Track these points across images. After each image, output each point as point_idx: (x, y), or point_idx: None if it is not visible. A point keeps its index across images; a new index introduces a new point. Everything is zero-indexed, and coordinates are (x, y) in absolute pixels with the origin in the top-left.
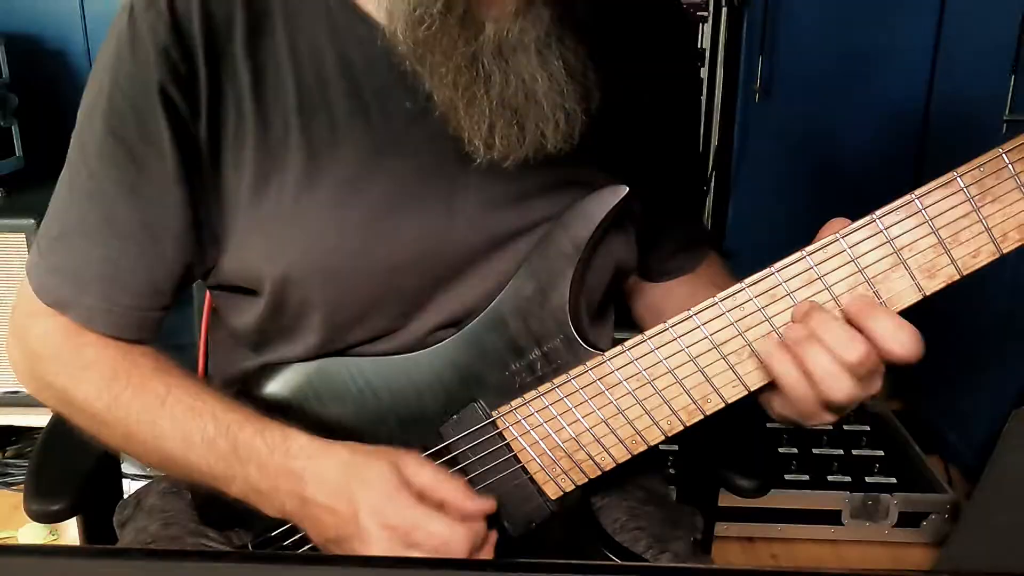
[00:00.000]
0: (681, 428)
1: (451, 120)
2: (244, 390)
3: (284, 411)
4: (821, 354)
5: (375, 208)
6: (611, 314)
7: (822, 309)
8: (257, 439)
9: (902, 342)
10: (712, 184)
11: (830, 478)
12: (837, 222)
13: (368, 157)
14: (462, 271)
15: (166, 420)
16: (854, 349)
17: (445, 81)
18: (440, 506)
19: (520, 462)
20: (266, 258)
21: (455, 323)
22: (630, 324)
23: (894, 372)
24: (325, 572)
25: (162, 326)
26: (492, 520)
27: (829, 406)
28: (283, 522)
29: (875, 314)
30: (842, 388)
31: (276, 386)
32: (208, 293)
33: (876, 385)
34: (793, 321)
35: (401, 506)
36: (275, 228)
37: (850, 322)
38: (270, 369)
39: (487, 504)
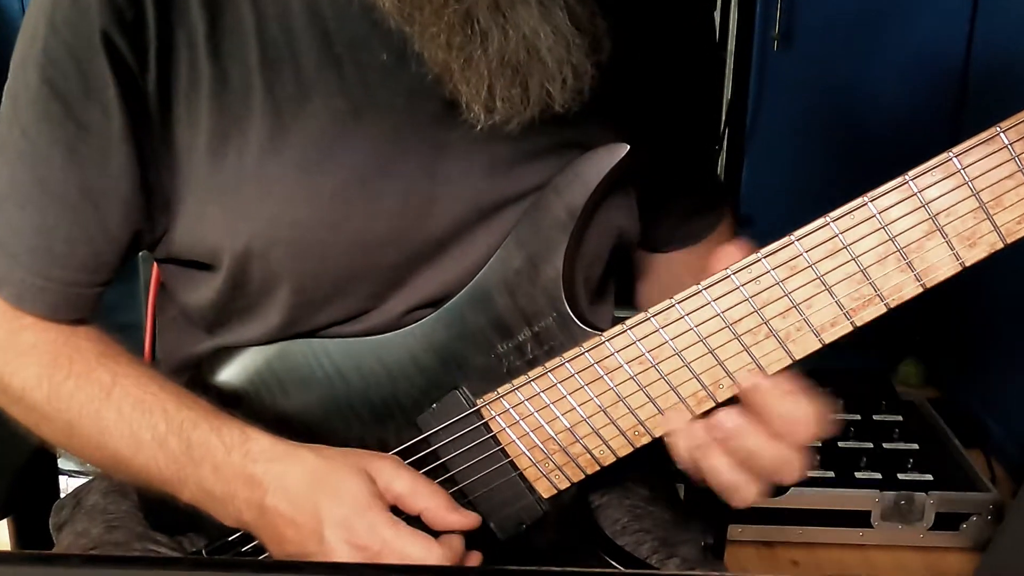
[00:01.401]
0: (690, 418)
1: (446, 84)
2: (195, 377)
3: (240, 401)
4: (761, 438)
5: (349, 174)
6: (611, 292)
7: (769, 383)
8: (213, 438)
9: (808, 426)
10: (724, 143)
11: (858, 475)
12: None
13: (341, 117)
14: (445, 245)
15: (112, 414)
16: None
17: (437, 41)
18: (417, 518)
19: (508, 456)
20: (225, 229)
21: (435, 303)
22: (632, 301)
23: (930, 356)
24: None
25: (102, 302)
26: (479, 523)
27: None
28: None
29: (770, 396)
30: (799, 464)
31: (231, 372)
32: (155, 267)
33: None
34: (739, 393)
35: (372, 522)
36: (235, 196)
37: (746, 406)
38: (225, 353)
39: (470, 519)
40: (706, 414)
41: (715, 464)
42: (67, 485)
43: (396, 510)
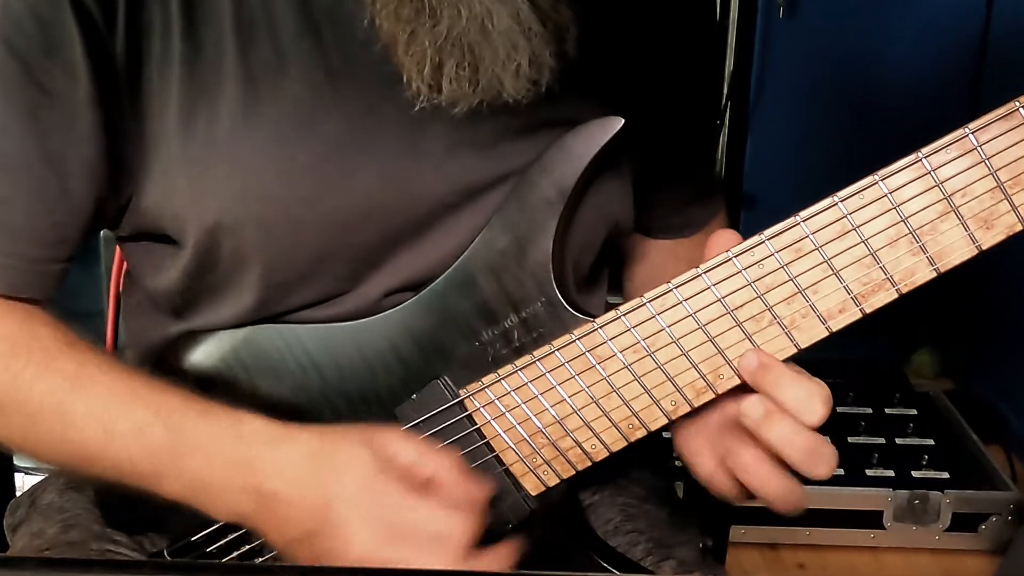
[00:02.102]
0: (688, 410)
1: (392, 55)
2: (158, 366)
3: (206, 391)
4: (790, 425)
5: (324, 148)
6: (604, 279)
7: (776, 364)
8: (202, 424)
9: (814, 410)
10: (726, 118)
11: (869, 472)
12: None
13: (317, 87)
14: (426, 225)
15: (78, 405)
16: (820, 405)
17: (387, 10)
18: (429, 488)
19: (493, 451)
20: (193, 203)
21: (415, 286)
22: (620, 286)
23: (945, 345)
24: None
25: (63, 286)
26: None
27: None
28: (206, 525)
29: (779, 378)
30: (831, 454)
31: (195, 359)
32: (118, 251)
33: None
34: (741, 376)
35: (383, 492)
36: (205, 167)
37: (749, 385)
38: (189, 338)
39: (483, 487)
40: (705, 407)
41: (747, 462)
42: (23, 483)
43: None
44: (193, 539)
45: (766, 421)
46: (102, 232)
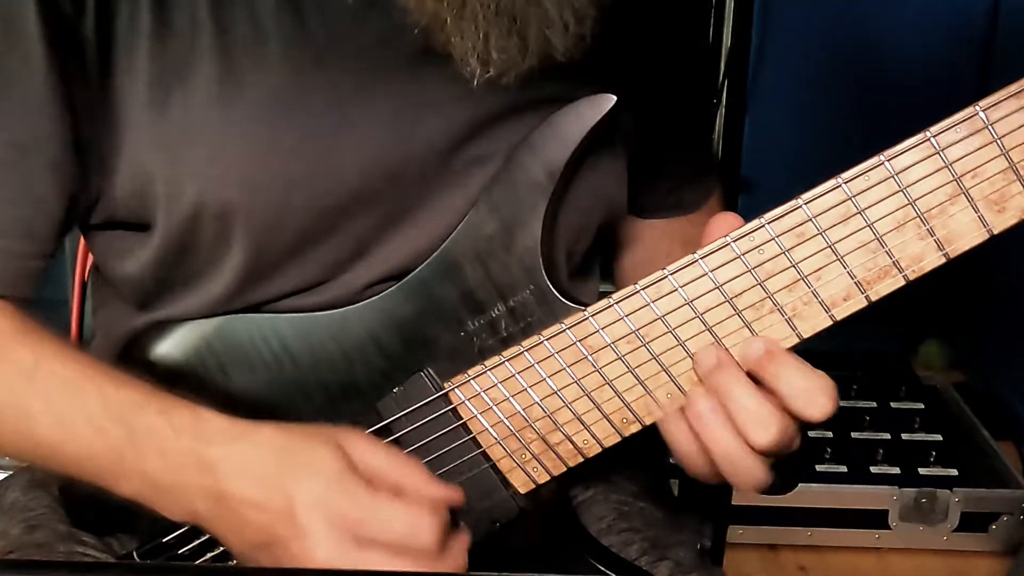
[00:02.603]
0: (684, 403)
1: (436, 36)
2: (125, 356)
3: (175, 384)
4: (724, 434)
5: (307, 129)
6: (596, 266)
7: (730, 368)
8: (160, 421)
9: (817, 404)
10: (723, 96)
11: (874, 470)
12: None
13: (299, 65)
14: (415, 209)
15: (37, 399)
16: (765, 431)
17: None
18: (397, 493)
19: (480, 446)
20: (168, 187)
21: (399, 276)
22: (609, 273)
23: (955, 336)
24: None
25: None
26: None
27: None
28: (177, 526)
29: (782, 368)
30: (749, 472)
31: (164, 350)
32: (82, 238)
33: (792, 447)
34: (697, 375)
35: (349, 494)
36: (180, 150)
37: (750, 373)
38: (159, 328)
39: (453, 492)
40: None
41: (717, 436)
42: None
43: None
44: (164, 540)
45: (738, 393)
46: None
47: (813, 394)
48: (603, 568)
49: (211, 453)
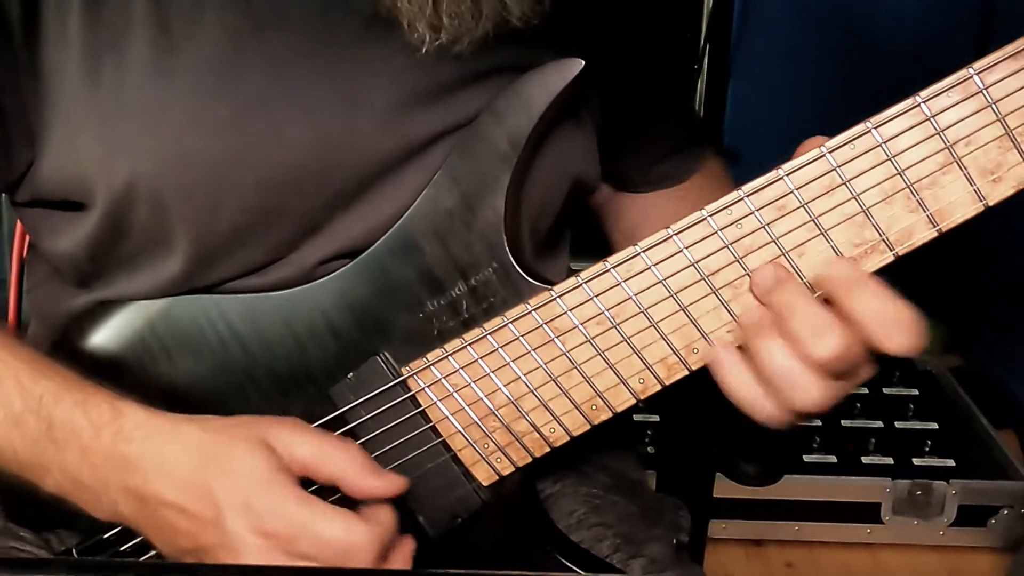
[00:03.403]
0: (658, 388)
1: (384, 1)
2: (64, 339)
3: (116, 370)
4: (778, 349)
5: (248, 100)
6: (565, 244)
7: (791, 283)
8: (78, 415)
9: (898, 333)
10: (705, 62)
11: (865, 460)
12: (814, 141)
13: (239, 33)
14: (367, 185)
15: None
16: (826, 342)
17: None
18: (332, 487)
19: (440, 436)
20: (101, 164)
21: (353, 254)
22: (588, 250)
23: (951, 317)
24: None
25: None
26: (405, 516)
27: (791, 412)
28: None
29: (860, 292)
30: (806, 393)
31: (106, 334)
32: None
33: (861, 377)
34: (754, 294)
35: (280, 502)
36: (113, 125)
37: (826, 301)
38: (101, 310)
39: (393, 483)
40: (687, 378)
41: (771, 350)
42: None
43: (307, 483)
44: (105, 536)
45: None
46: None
47: (897, 326)
48: (572, 565)
49: (132, 451)
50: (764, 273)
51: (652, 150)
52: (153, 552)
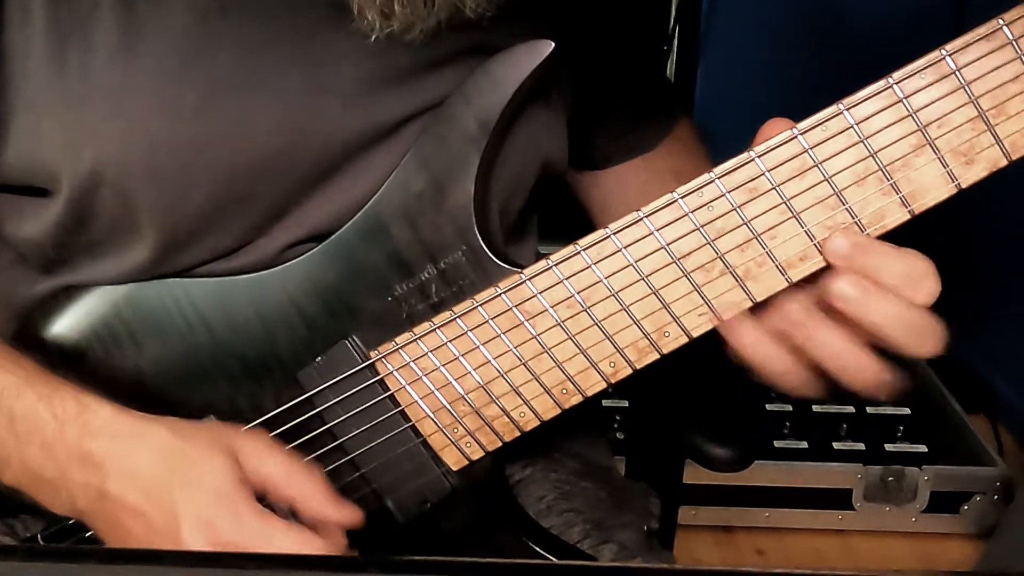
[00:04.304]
0: (629, 373)
1: None
2: (27, 326)
3: (81, 356)
4: (891, 305)
5: (215, 84)
6: (534, 228)
7: (871, 243)
8: (41, 409)
9: (924, 287)
10: (675, 42)
11: (837, 446)
12: (776, 124)
13: (207, 16)
14: (334, 170)
15: None
16: (927, 281)
17: None
18: (290, 509)
19: (409, 420)
20: (65, 149)
21: (320, 238)
22: (558, 233)
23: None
24: (141, 572)
25: None
26: (374, 502)
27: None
28: None
29: (877, 258)
30: (937, 328)
31: (71, 319)
32: None
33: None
34: (832, 262)
35: (238, 516)
36: (79, 110)
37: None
38: (64, 295)
39: (350, 516)
40: (657, 363)
41: (838, 349)
42: None
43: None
44: (71, 522)
45: (867, 300)
46: None
47: (916, 278)
48: (542, 551)
49: (94, 447)
50: (838, 243)
51: (618, 124)
52: None
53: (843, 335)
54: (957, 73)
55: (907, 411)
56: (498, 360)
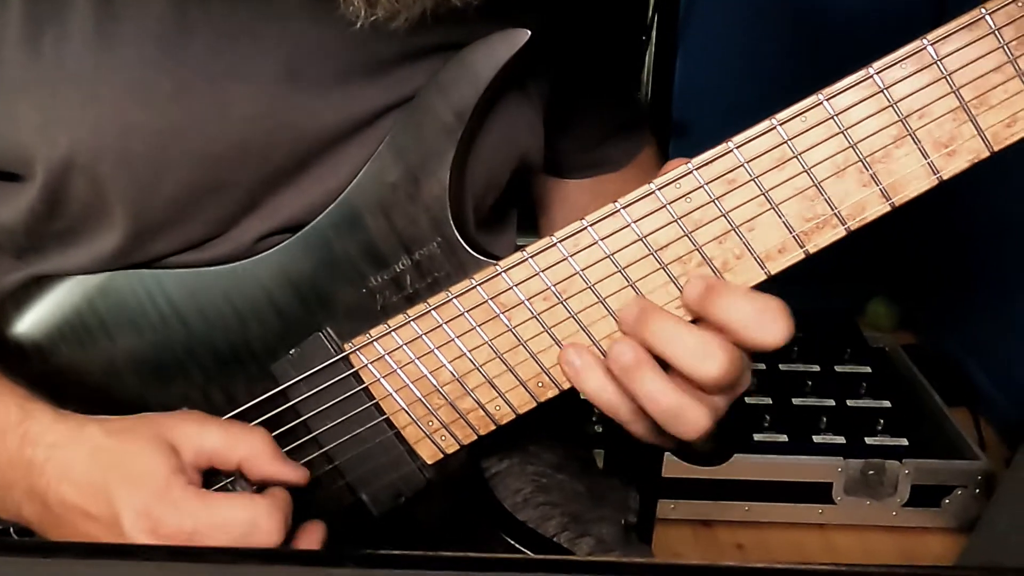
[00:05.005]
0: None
1: None
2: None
3: (54, 348)
4: (662, 384)
5: (192, 73)
6: (512, 220)
7: (656, 312)
8: None
9: (772, 324)
10: (653, 33)
11: (817, 439)
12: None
13: (184, 3)
14: (310, 161)
15: None
16: (713, 361)
17: None
18: (239, 472)
19: (384, 413)
20: (40, 134)
21: (294, 229)
22: (536, 228)
23: (904, 293)
24: (115, 567)
25: None
26: (348, 495)
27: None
28: None
29: (724, 297)
30: (697, 421)
31: (42, 311)
32: None
33: (740, 389)
34: (621, 328)
35: (176, 503)
36: (53, 95)
37: (690, 313)
38: (36, 285)
39: (296, 472)
40: None
41: (651, 389)
42: None
43: (212, 473)
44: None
45: (634, 371)
46: None
47: (766, 318)
48: (518, 545)
49: (36, 455)
50: (629, 308)
51: (594, 131)
52: None
53: (667, 381)
54: (938, 63)
55: (888, 404)
56: (473, 353)
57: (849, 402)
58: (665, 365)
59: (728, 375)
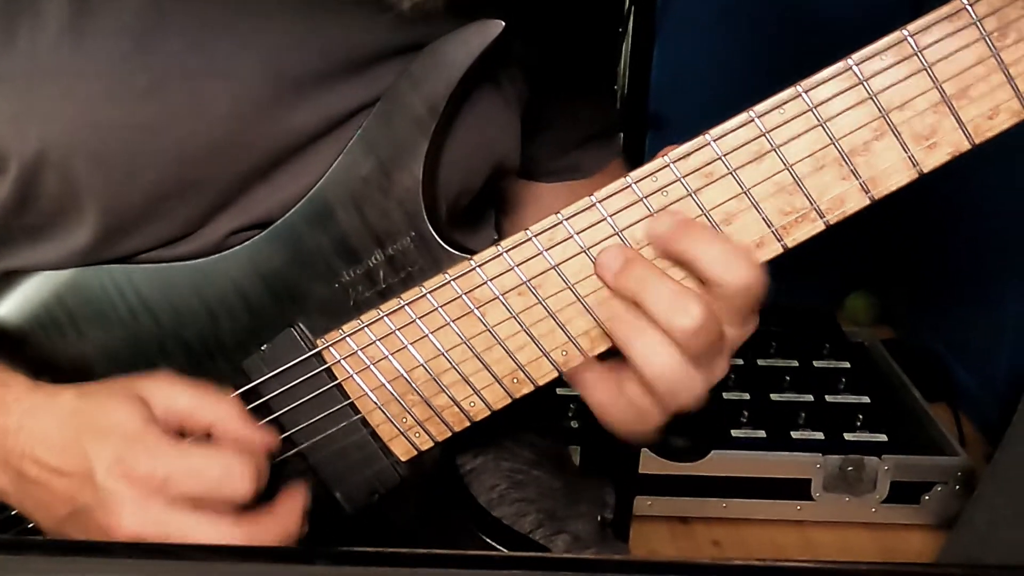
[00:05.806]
0: (582, 361)
1: None
2: None
3: (21, 342)
4: (649, 336)
5: (167, 69)
6: (490, 217)
7: (638, 260)
8: None
9: (737, 266)
10: (630, 24)
11: (795, 435)
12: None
13: None
14: (285, 159)
15: None
16: (686, 314)
17: None
18: (207, 436)
19: (358, 412)
20: (12, 129)
21: (268, 225)
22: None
23: (883, 288)
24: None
25: None
26: (322, 492)
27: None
28: None
29: (694, 231)
30: (690, 385)
31: (10, 305)
32: None
33: (719, 368)
34: (604, 281)
35: (149, 450)
36: (27, 90)
37: (663, 255)
38: (5, 281)
39: (270, 436)
40: (603, 355)
41: (639, 341)
42: None
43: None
44: (12, 513)
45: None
46: None
47: (733, 256)
48: (493, 542)
49: (9, 423)
50: (609, 255)
51: (570, 135)
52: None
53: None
54: (919, 54)
55: (867, 399)
56: (447, 349)
57: (828, 398)
58: None
59: (703, 330)
